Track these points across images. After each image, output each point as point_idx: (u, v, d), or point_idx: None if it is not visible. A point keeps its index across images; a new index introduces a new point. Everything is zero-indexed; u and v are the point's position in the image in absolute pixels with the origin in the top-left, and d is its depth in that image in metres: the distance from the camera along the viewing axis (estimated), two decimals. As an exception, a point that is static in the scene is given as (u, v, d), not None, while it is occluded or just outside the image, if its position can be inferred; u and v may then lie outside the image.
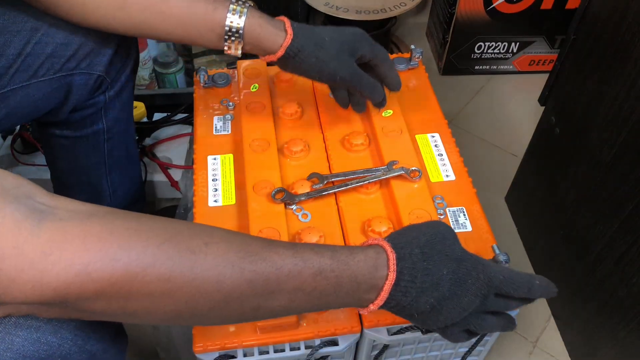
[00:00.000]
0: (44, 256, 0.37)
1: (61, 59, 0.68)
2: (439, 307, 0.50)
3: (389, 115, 0.80)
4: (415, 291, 0.49)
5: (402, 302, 0.49)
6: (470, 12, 1.31)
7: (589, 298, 0.86)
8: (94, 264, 0.38)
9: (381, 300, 0.49)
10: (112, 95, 0.77)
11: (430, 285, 0.49)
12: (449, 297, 0.50)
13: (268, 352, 0.61)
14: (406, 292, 0.49)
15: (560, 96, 0.92)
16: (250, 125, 0.78)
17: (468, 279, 0.51)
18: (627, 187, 0.74)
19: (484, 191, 0.78)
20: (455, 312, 0.51)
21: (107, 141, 0.81)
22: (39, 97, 0.69)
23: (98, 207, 0.42)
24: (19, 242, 0.36)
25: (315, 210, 0.71)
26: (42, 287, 0.37)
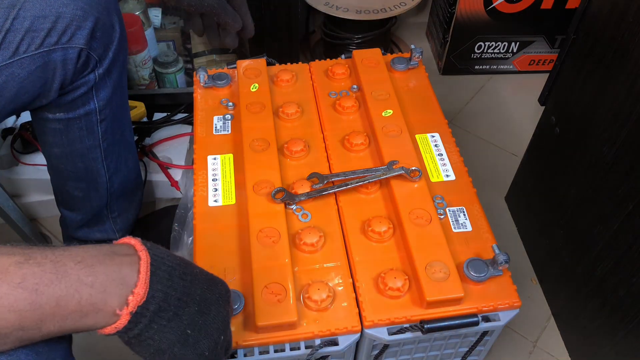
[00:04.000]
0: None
1: (40, 32, 0.68)
2: (204, 313, 0.46)
3: (389, 115, 0.80)
4: (182, 283, 0.45)
5: (169, 299, 0.44)
6: (470, 11, 1.31)
7: (589, 298, 0.86)
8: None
9: (143, 288, 0.42)
10: (102, 73, 0.76)
11: (192, 277, 0.46)
12: (210, 299, 0.47)
13: (268, 352, 0.61)
14: (172, 278, 0.44)
15: (560, 96, 0.92)
16: (250, 125, 0.78)
17: (218, 283, 0.50)
18: (627, 187, 0.74)
19: (484, 191, 0.79)
20: (218, 322, 0.48)
21: (100, 122, 0.81)
22: (24, 76, 0.69)
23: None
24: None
25: (315, 210, 0.71)
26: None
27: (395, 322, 0.62)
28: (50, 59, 0.70)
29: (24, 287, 0.38)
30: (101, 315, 0.41)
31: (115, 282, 0.41)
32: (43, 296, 0.39)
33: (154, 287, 0.43)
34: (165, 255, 0.45)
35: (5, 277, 0.38)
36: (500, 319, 0.64)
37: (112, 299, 0.41)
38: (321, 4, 1.27)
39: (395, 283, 0.62)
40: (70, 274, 0.40)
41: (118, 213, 0.95)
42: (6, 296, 0.38)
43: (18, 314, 0.38)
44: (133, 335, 0.43)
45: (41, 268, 0.39)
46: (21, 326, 0.39)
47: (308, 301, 0.62)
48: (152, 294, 0.42)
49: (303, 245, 0.66)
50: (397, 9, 1.28)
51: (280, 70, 0.88)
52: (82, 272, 0.40)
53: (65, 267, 0.40)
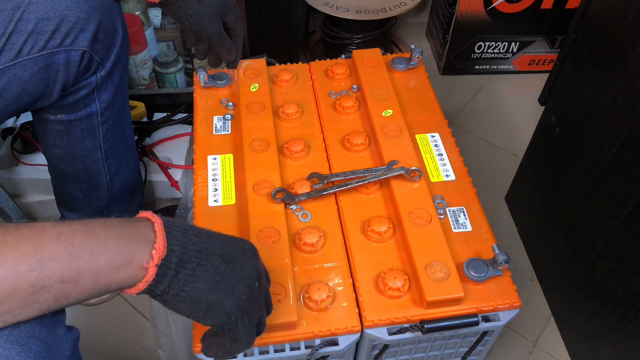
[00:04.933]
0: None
1: (44, 35, 0.68)
2: (230, 262, 0.49)
3: (389, 115, 0.80)
4: (197, 239, 0.48)
5: (189, 252, 0.47)
6: (470, 11, 1.31)
7: (589, 298, 0.86)
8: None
9: (162, 243, 0.45)
10: (104, 75, 0.77)
11: (208, 235, 0.49)
12: (232, 253, 0.50)
13: (268, 352, 0.61)
14: (186, 235, 0.47)
15: (560, 96, 0.92)
16: (250, 125, 0.78)
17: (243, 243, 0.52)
18: (627, 187, 0.74)
19: (484, 191, 0.79)
20: (248, 270, 0.50)
21: (101, 124, 0.81)
22: (26, 78, 0.69)
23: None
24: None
25: (315, 210, 0.71)
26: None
27: (395, 322, 0.62)
28: (53, 61, 0.70)
29: (61, 240, 0.42)
30: (131, 269, 0.44)
31: (138, 239, 0.45)
32: (78, 248, 0.42)
33: (171, 242, 0.46)
34: (177, 221, 0.49)
35: (43, 232, 0.42)
36: (500, 319, 0.64)
37: (138, 253, 0.44)
38: (321, 4, 1.27)
39: (395, 283, 0.62)
40: (98, 231, 0.44)
41: (118, 214, 0.95)
42: (48, 246, 0.41)
43: (59, 263, 0.41)
44: (164, 289, 0.46)
45: (73, 227, 0.43)
46: (61, 277, 0.42)
47: (308, 301, 0.62)
48: (171, 247, 0.46)
49: (303, 245, 0.66)
50: (397, 9, 1.28)
51: (280, 70, 0.88)
52: (109, 231, 0.44)
53: (93, 227, 0.44)
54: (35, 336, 0.45)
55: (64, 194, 0.92)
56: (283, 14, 1.13)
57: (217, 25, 0.77)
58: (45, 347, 0.45)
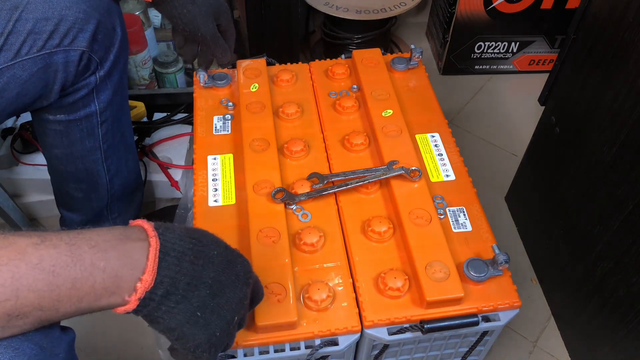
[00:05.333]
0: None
1: (42, 35, 0.68)
2: (217, 295, 0.46)
3: (389, 115, 0.80)
4: (192, 267, 0.45)
5: (178, 284, 0.44)
6: (470, 11, 1.31)
7: (589, 298, 0.86)
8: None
9: (151, 275, 0.43)
10: (103, 75, 0.76)
11: (205, 261, 0.46)
12: (225, 282, 0.47)
13: (268, 352, 0.61)
14: (181, 263, 0.44)
15: (560, 96, 0.92)
16: (250, 125, 0.78)
17: (237, 263, 0.49)
18: (627, 187, 0.74)
19: (484, 191, 0.79)
20: (233, 304, 0.48)
21: (101, 125, 0.81)
22: (25, 78, 0.69)
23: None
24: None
25: (315, 210, 0.71)
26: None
27: (395, 322, 0.62)
28: (51, 61, 0.70)
29: (41, 268, 0.40)
30: (114, 298, 0.43)
31: (126, 268, 0.43)
32: (60, 278, 0.40)
33: (161, 273, 0.43)
34: (178, 239, 0.46)
35: (23, 257, 0.39)
36: (500, 319, 0.64)
37: (123, 284, 0.42)
38: (321, 4, 1.27)
39: (395, 283, 0.62)
40: (85, 258, 0.41)
41: (118, 214, 0.95)
42: (25, 276, 0.39)
43: (37, 293, 0.39)
44: (143, 315, 0.45)
45: (57, 250, 0.41)
46: (40, 306, 0.40)
47: (308, 301, 0.62)
48: (160, 279, 0.43)
49: (303, 245, 0.66)
50: (397, 9, 1.28)
51: (280, 70, 0.88)
52: (96, 257, 0.42)
53: (80, 250, 0.41)
54: (29, 339, 0.44)
55: (63, 194, 0.92)
56: (283, 14, 1.13)
57: (212, 26, 0.77)
58: (39, 350, 0.44)
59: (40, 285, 0.39)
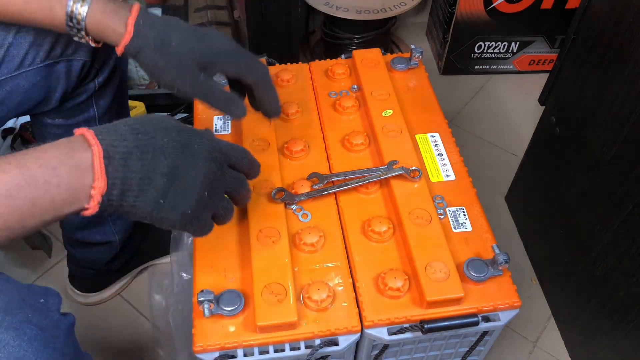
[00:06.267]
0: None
1: (44, 46, 0.68)
2: (176, 179, 0.48)
3: (389, 115, 0.80)
4: (140, 163, 0.46)
5: (130, 181, 0.46)
6: (470, 11, 1.31)
7: (589, 298, 0.86)
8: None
9: (102, 181, 0.44)
10: (102, 81, 0.76)
11: (154, 153, 0.47)
12: (182, 165, 0.49)
13: (268, 352, 0.61)
14: (127, 162, 0.46)
15: (560, 96, 0.92)
16: (250, 125, 0.78)
17: (194, 143, 0.50)
18: (627, 187, 0.74)
19: (484, 191, 0.79)
20: (196, 183, 0.50)
21: None
22: (28, 87, 0.69)
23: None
24: None
25: (315, 210, 0.71)
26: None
27: (395, 322, 0.62)
28: (54, 70, 0.70)
29: (1, 195, 0.42)
30: (75, 206, 0.45)
31: (78, 179, 0.44)
32: (18, 200, 0.42)
33: (110, 176, 0.45)
34: (120, 140, 0.47)
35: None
36: (500, 319, 0.64)
37: (79, 194, 0.45)
38: (321, 4, 1.28)
39: (395, 283, 0.62)
40: (37, 177, 0.43)
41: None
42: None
43: (2, 218, 0.42)
44: (111, 212, 0.47)
45: (9, 175, 0.42)
46: (6, 227, 0.43)
47: (308, 301, 0.62)
48: (112, 182, 0.45)
49: (303, 245, 0.66)
50: (397, 9, 1.28)
51: (280, 70, 0.88)
52: (47, 175, 0.44)
53: (30, 171, 0.43)
54: (29, 321, 0.45)
55: None
56: (283, 14, 1.13)
57: (193, 76, 0.60)
58: (39, 331, 0.46)
59: (3, 209, 0.42)
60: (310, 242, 0.66)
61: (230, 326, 0.60)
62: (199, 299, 0.59)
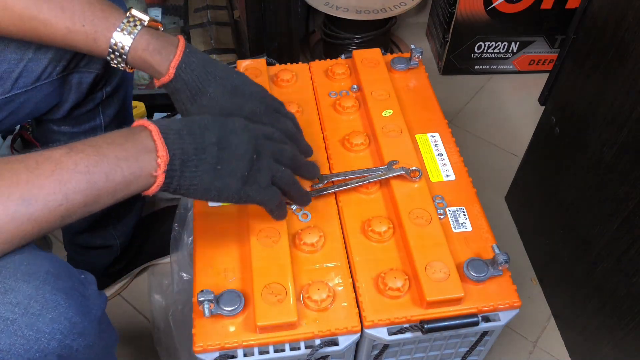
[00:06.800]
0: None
1: (63, 62, 0.69)
2: (225, 147, 0.54)
3: (389, 115, 0.80)
4: (192, 137, 0.52)
5: (188, 151, 0.51)
6: (470, 11, 1.31)
7: (589, 298, 0.86)
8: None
9: (164, 150, 0.50)
10: (110, 91, 0.77)
11: (200, 129, 0.53)
12: (225, 135, 0.54)
13: (268, 352, 0.61)
14: (181, 136, 0.52)
15: (560, 96, 0.92)
16: (250, 125, 0.78)
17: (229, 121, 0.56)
18: (627, 187, 0.74)
19: (484, 191, 0.79)
20: (242, 146, 0.55)
21: None
22: (40, 98, 0.70)
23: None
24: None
25: (315, 209, 0.71)
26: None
27: (395, 322, 0.62)
28: (66, 80, 0.71)
29: (79, 171, 0.46)
30: (142, 180, 0.50)
31: (142, 152, 0.50)
32: (95, 175, 0.47)
33: (170, 147, 0.51)
34: (171, 122, 0.53)
35: (62, 164, 0.46)
36: (500, 319, 0.64)
37: (145, 165, 0.50)
38: (321, 4, 1.28)
39: (395, 283, 0.62)
40: (108, 154, 0.48)
41: (118, 220, 0.95)
42: (69, 180, 0.46)
43: (81, 193, 0.47)
44: (175, 187, 0.52)
45: (85, 153, 0.47)
46: (85, 203, 0.47)
47: (308, 301, 0.62)
48: (172, 152, 0.51)
49: (303, 245, 0.66)
50: (397, 9, 1.28)
51: (280, 70, 0.88)
52: (117, 150, 0.49)
53: (102, 149, 0.48)
54: (76, 289, 0.50)
55: None
56: (283, 14, 1.13)
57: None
58: (84, 299, 0.50)
59: (82, 185, 0.46)
60: (310, 242, 0.66)
61: (230, 326, 0.60)
62: (199, 299, 0.59)
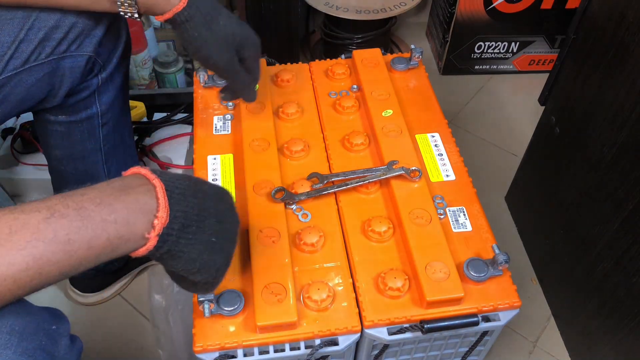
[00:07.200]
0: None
1: (52, 42, 0.68)
2: (222, 221, 0.51)
3: (389, 115, 0.80)
4: (196, 200, 0.48)
5: (191, 216, 0.47)
6: (470, 11, 1.31)
7: (589, 298, 0.86)
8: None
9: (165, 212, 0.45)
10: (105, 77, 0.77)
11: (204, 195, 0.50)
12: (222, 210, 0.52)
13: (268, 352, 0.61)
14: (186, 198, 0.47)
15: (560, 96, 0.92)
16: (250, 125, 0.78)
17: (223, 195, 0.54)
18: (627, 187, 0.74)
19: (484, 191, 0.79)
20: (234, 228, 0.53)
21: (102, 126, 0.81)
22: (32, 83, 0.69)
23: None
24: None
25: (315, 209, 0.71)
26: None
27: (395, 322, 0.62)
28: (58, 65, 0.70)
29: (57, 241, 0.42)
30: (131, 244, 0.45)
31: (136, 213, 0.45)
32: (75, 244, 0.42)
33: (173, 208, 0.46)
34: (175, 179, 0.49)
35: (38, 235, 0.41)
36: (500, 319, 0.64)
37: (137, 228, 0.45)
38: (321, 4, 1.28)
39: (395, 283, 0.62)
40: (94, 217, 0.43)
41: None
42: (44, 253, 0.41)
43: (57, 265, 0.42)
44: (164, 252, 0.47)
45: (67, 219, 0.42)
46: (60, 273, 0.43)
47: (308, 301, 0.62)
48: (174, 214, 0.46)
49: (303, 245, 0.66)
50: (397, 9, 1.28)
51: (280, 70, 0.88)
52: (104, 212, 0.44)
53: (88, 211, 0.43)
54: (42, 348, 0.45)
55: None
56: (283, 14, 1.13)
57: (227, 56, 0.67)
58: (51, 358, 0.46)
59: (59, 256, 0.42)
60: (310, 242, 0.66)
61: (230, 326, 0.60)
62: (199, 299, 0.59)
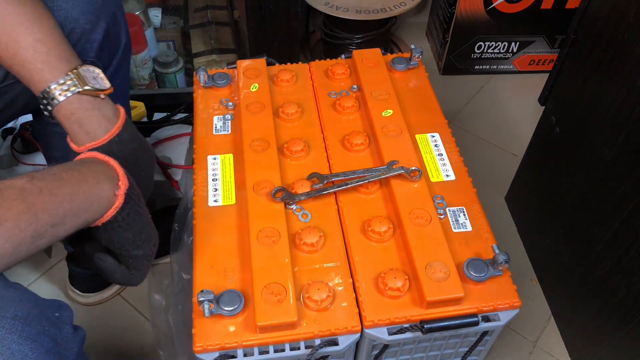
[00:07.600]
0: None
1: None
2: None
3: (389, 115, 0.80)
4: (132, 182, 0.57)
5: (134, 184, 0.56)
6: (470, 11, 1.31)
7: (589, 298, 0.86)
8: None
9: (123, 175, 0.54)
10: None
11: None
12: None
13: (268, 352, 0.61)
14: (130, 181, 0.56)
15: (560, 96, 0.92)
16: (250, 125, 0.78)
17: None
18: (627, 187, 0.74)
19: (484, 191, 0.79)
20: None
21: None
22: None
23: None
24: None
25: (315, 210, 0.71)
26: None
27: (395, 322, 0.62)
28: None
29: (44, 194, 0.49)
30: (104, 202, 0.53)
31: (103, 177, 0.53)
32: (59, 196, 0.49)
33: (130, 180, 0.55)
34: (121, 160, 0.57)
35: (25, 191, 0.48)
36: (500, 319, 0.64)
37: (107, 187, 0.53)
38: (321, 4, 1.28)
39: (395, 283, 0.62)
40: (69, 179, 0.51)
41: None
42: (36, 202, 0.48)
43: (48, 212, 0.48)
44: (125, 215, 0.55)
45: (46, 181, 0.50)
46: (52, 222, 0.49)
47: (308, 301, 0.62)
48: (131, 184, 0.55)
49: (303, 245, 0.66)
50: (397, 9, 1.28)
51: (280, 70, 0.88)
52: (76, 176, 0.52)
53: (61, 175, 0.51)
54: (45, 333, 0.47)
55: None
56: (283, 14, 1.13)
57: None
58: (54, 344, 0.48)
59: (48, 205, 0.49)
60: (310, 242, 0.66)
61: (230, 326, 0.60)
62: (199, 299, 0.59)
